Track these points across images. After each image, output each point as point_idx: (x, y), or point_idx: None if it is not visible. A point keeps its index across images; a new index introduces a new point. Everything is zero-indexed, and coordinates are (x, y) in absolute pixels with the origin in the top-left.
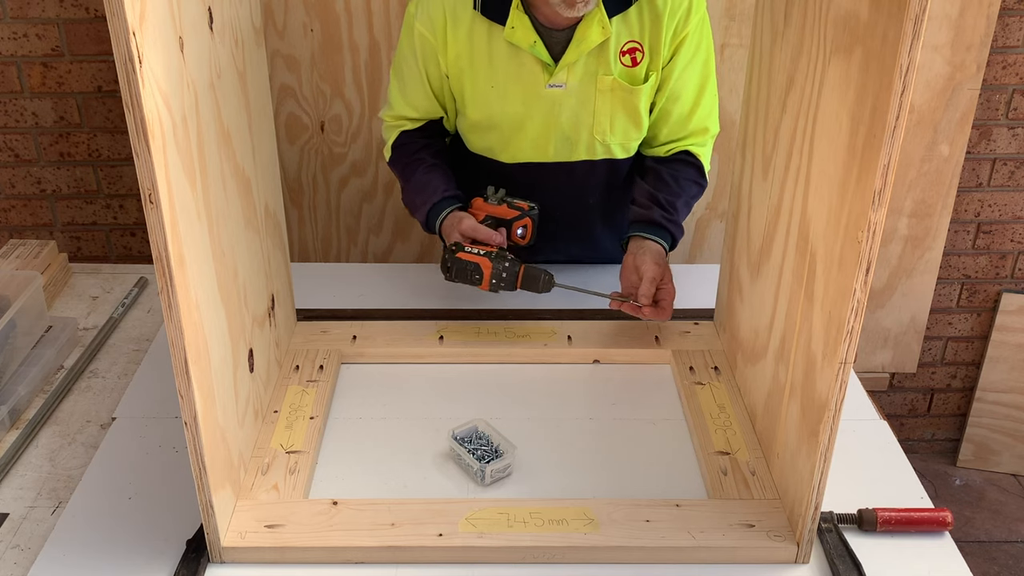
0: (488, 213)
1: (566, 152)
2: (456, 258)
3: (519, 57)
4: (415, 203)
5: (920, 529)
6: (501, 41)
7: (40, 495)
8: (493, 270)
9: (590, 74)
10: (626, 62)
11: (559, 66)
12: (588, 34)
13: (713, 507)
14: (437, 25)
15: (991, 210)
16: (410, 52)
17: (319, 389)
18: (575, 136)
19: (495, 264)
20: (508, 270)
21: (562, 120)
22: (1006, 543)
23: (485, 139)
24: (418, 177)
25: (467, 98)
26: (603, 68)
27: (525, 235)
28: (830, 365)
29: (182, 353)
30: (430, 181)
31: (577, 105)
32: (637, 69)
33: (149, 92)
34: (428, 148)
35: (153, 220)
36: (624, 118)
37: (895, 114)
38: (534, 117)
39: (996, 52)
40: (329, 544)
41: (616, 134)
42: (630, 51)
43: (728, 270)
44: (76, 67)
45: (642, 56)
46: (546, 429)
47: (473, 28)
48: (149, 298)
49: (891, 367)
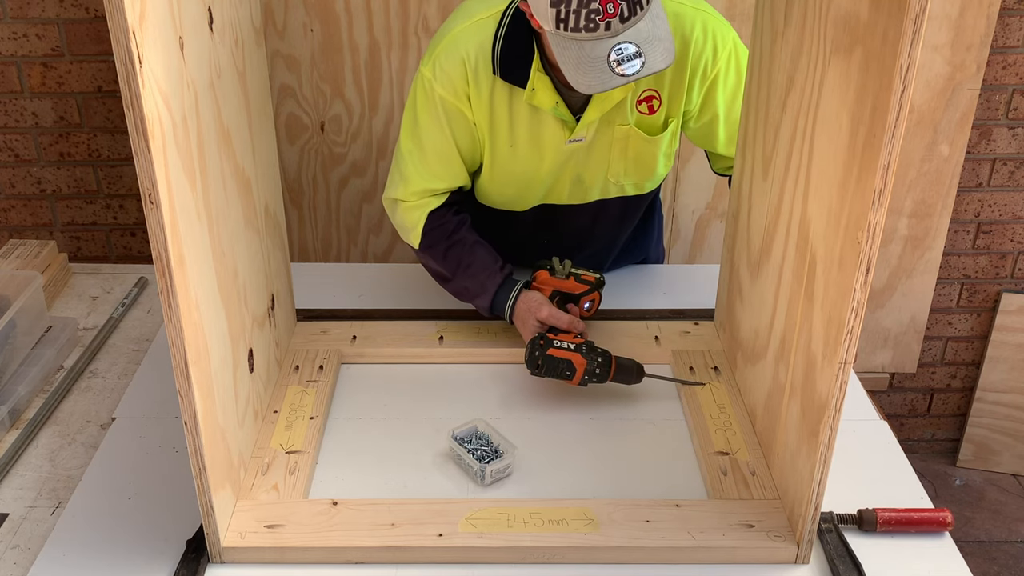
0: (555, 288)
1: (580, 195)
2: (548, 356)
3: (539, 116)
4: (469, 289)
5: (920, 529)
6: (522, 103)
7: (40, 495)
8: (587, 367)
9: (607, 123)
10: (643, 110)
11: (580, 124)
12: (611, 92)
13: (713, 507)
14: (458, 86)
15: (991, 210)
16: (431, 118)
17: (319, 389)
18: (590, 181)
19: (588, 360)
20: (601, 365)
21: (577, 169)
22: (1006, 543)
23: (501, 194)
24: (466, 261)
25: (485, 159)
26: (620, 118)
27: (591, 308)
28: (830, 365)
29: (182, 353)
30: (483, 262)
31: (594, 154)
32: (654, 117)
33: (149, 92)
34: (464, 225)
35: (153, 220)
36: (638, 164)
37: (895, 114)
38: (552, 171)
39: (996, 52)
40: (329, 544)
41: (630, 176)
42: (647, 99)
43: (728, 270)
44: (76, 67)
45: (659, 104)
46: (546, 429)
47: (494, 92)
48: (149, 298)
49: (891, 367)
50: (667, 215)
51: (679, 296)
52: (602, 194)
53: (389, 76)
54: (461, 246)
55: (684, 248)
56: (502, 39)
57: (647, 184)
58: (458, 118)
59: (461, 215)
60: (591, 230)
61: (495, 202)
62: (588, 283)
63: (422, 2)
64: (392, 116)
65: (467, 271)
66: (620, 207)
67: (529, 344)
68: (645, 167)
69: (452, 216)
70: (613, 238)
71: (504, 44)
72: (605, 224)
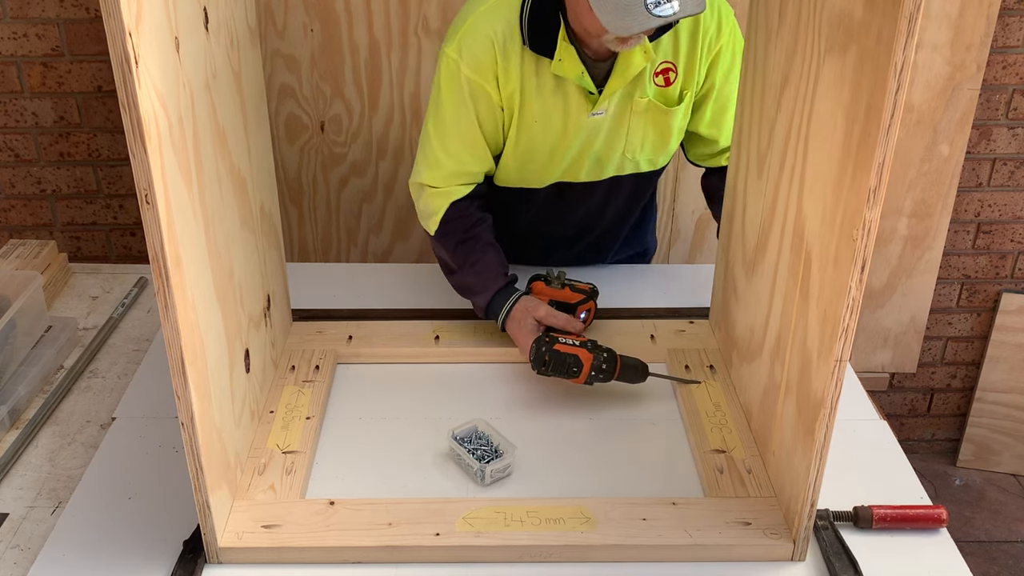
0: (552, 297)
1: (596, 172)
2: (555, 351)
3: (564, 88)
4: (471, 286)
5: (916, 526)
6: (548, 74)
7: (40, 495)
8: (593, 362)
9: (627, 97)
10: (659, 82)
11: (603, 95)
12: (631, 61)
13: (709, 505)
14: (486, 65)
15: (991, 210)
16: (456, 100)
17: (315, 389)
18: (607, 157)
19: (595, 356)
20: (607, 361)
21: (596, 144)
22: (1006, 543)
23: (521, 171)
24: (473, 258)
25: (511, 134)
26: (639, 91)
27: (587, 319)
28: (825, 363)
29: (179, 353)
30: (489, 264)
31: (613, 128)
32: (670, 89)
33: (145, 92)
34: (482, 223)
35: (149, 220)
36: (655, 137)
37: (890, 112)
38: (572, 146)
39: (996, 52)
40: (326, 544)
41: (646, 151)
42: (663, 71)
43: (723, 268)
44: (76, 67)
45: (675, 76)
46: (542, 428)
47: (523, 65)
48: (149, 298)
49: (891, 367)
50: (667, 215)
51: (675, 295)
52: (617, 171)
53: (389, 76)
54: (474, 243)
55: (684, 248)
56: (528, 10)
57: (660, 159)
58: (483, 99)
59: (483, 213)
60: (602, 209)
61: (514, 179)
62: (583, 292)
63: (422, 2)
64: (392, 116)
65: (473, 268)
66: (631, 185)
67: (535, 343)
68: (661, 141)
69: (474, 211)
70: (621, 218)
71: (531, 15)
72: (616, 203)
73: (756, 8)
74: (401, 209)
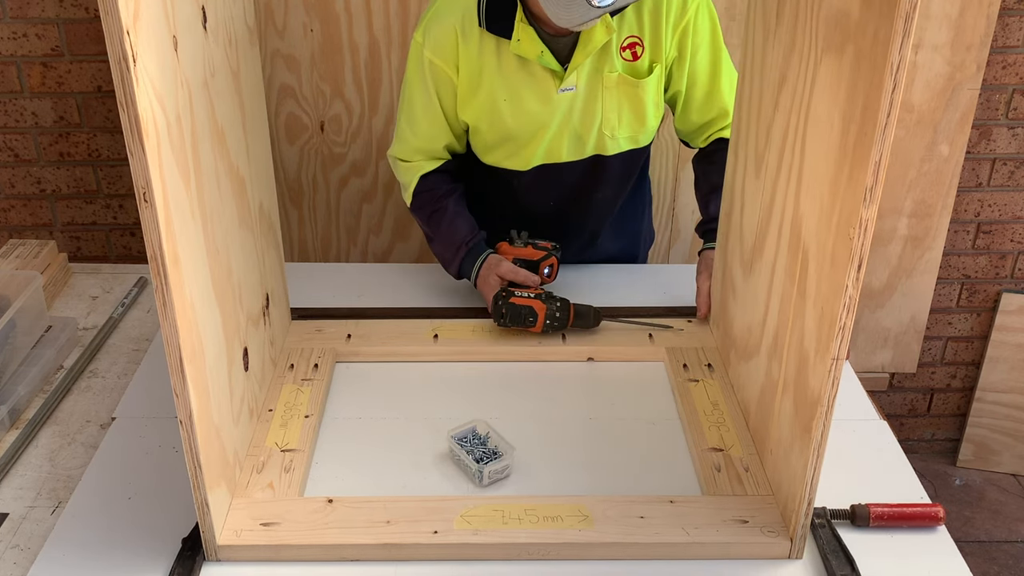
0: (516, 256)
1: (578, 150)
2: (511, 304)
3: (528, 68)
4: (444, 256)
5: (913, 524)
6: (509, 55)
7: (40, 495)
8: (547, 311)
9: (596, 72)
10: (627, 57)
11: (568, 70)
12: (593, 35)
13: (707, 503)
14: (447, 48)
15: (991, 210)
16: (419, 82)
17: (314, 388)
18: (585, 134)
19: (548, 305)
20: (560, 309)
21: (574, 121)
22: (1006, 543)
23: (500, 152)
24: (444, 228)
25: (481, 116)
26: (608, 65)
27: (551, 273)
28: (823, 361)
29: (177, 352)
30: (456, 231)
31: (587, 104)
32: (639, 63)
33: (143, 91)
34: (451, 195)
35: (148, 219)
36: (630, 112)
37: (886, 111)
38: (548, 124)
39: (996, 52)
40: (324, 542)
41: (623, 127)
42: (630, 46)
43: (721, 267)
44: (76, 67)
45: (642, 50)
46: (540, 427)
47: (483, 48)
48: (149, 298)
49: (891, 367)
50: (667, 215)
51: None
52: (597, 148)
53: (389, 76)
54: (443, 214)
55: (684, 248)
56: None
57: (641, 137)
58: (444, 82)
59: (452, 185)
60: (591, 190)
61: (497, 159)
62: (545, 249)
63: (422, 2)
64: (392, 116)
65: (444, 238)
66: (616, 165)
67: (493, 297)
68: (636, 116)
69: (444, 184)
70: (612, 199)
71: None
72: (605, 183)
73: (754, 8)
74: (401, 209)
